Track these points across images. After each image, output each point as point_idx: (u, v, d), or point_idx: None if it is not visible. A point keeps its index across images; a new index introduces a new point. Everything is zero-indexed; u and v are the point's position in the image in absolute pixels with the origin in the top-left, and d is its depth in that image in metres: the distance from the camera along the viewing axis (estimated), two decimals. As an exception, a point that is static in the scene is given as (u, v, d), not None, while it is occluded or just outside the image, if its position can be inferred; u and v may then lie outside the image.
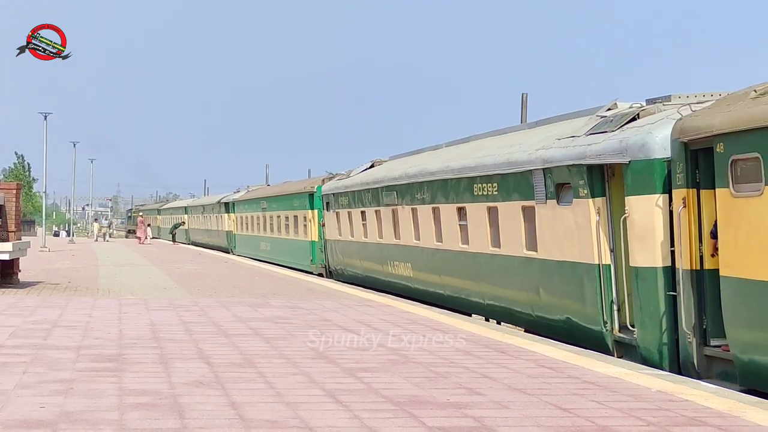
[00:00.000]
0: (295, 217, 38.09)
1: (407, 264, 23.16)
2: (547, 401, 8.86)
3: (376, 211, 25.75)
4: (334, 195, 30.47)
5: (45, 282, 24.09)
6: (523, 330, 16.44)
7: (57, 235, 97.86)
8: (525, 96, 28.48)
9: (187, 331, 13.98)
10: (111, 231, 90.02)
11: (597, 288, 14.10)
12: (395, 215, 24.05)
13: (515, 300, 16.92)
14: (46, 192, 66.94)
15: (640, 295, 13.17)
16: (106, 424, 7.58)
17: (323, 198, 32.32)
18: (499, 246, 17.60)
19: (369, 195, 26.34)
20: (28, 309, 16.99)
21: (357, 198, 27.70)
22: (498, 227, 17.65)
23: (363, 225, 27.11)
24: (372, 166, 28.57)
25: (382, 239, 25.27)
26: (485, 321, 18.00)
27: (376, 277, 25.91)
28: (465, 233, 19.28)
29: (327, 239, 31.92)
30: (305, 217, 36.33)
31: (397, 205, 23.75)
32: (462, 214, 19.40)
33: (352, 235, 28.42)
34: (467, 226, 19.13)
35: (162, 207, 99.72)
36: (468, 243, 19.12)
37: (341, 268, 30.07)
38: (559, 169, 15.07)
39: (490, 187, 17.93)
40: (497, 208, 17.62)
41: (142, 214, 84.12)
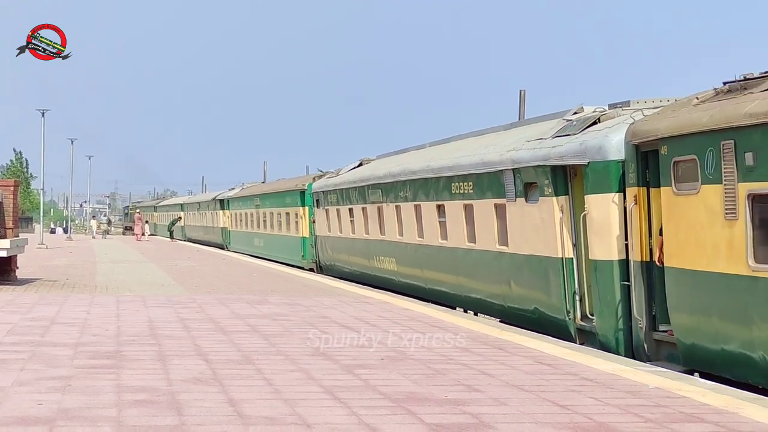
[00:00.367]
0: (287, 214, 38.97)
1: (392, 259, 24.17)
2: (545, 398, 8.87)
3: (362, 209, 26.71)
4: (323, 193, 31.43)
5: (43, 279, 24.09)
6: (498, 320, 17.24)
7: (53, 232, 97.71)
8: (523, 93, 28.43)
9: (185, 328, 13.98)
10: (109, 228, 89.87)
11: (561, 280, 15.09)
12: (380, 212, 25.05)
13: (489, 292, 17.92)
14: (43, 189, 66.84)
15: (598, 286, 14.18)
16: (104, 421, 7.58)
17: (314, 195, 33.23)
18: (475, 241, 18.65)
19: (356, 193, 27.35)
20: (25, 306, 16.98)
21: (345, 196, 28.67)
22: (473, 224, 18.69)
23: (351, 222, 28.04)
24: (360, 164, 29.54)
25: (368, 235, 26.19)
26: (464, 312, 18.75)
27: (363, 272, 26.82)
28: (444, 229, 20.33)
29: (317, 235, 32.80)
30: (296, 214, 37.18)
31: (382, 203, 24.75)
32: (441, 211, 20.44)
33: (340, 232, 29.38)
34: (446, 222, 20.18)
35: (159, 204, 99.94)
36: (447, 239, 20.17)
37: (331, 263, 30.92)
38: (527, 170, 16.14)
39: (466, 186, 19.04)
40: (473, 205, 18.69)
41: (139, 211, 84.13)
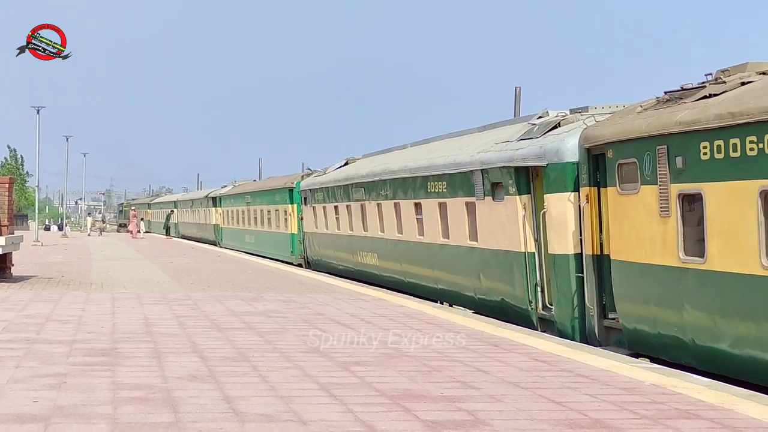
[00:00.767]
0: (277, 211, 40.12)
1: (374, 254, 25.42)
2: (541, 394, 8.87)
3: (347, 206, 27.99)
4: (311, 191, 32.77)
5: (38, 276, 24.06)
6: (472, 312, 18.13)
7: (48, 230, 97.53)
8: (518, 90, 28.41)
9: (181, 325, 13.97)
10: (104, 225, 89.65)
11: (524, 273, 16.35)
12: (363, 210, 26.28)
13: (462, 285, 19.22)
14: (38, 186, 66.81)
15: (556, 278, 15.38)
16: (99, 418, 7.57)
17: (302, 193, 34.47)
18: (448, 237, 19.97)
19: (341, 191, 28.64)
20: (21, 303, 16.96)
21: (331, 193, 29.93)
22: (447, 221, 19.99)
23: (336, 218, 29.37)
24: (346, 163, 30.75)
25: (352, 231, 27.47)
26: (439, 304, 19.63)
27: (348, 267, 28.10)
28: (421, 226, 21.61)
29: (305, 232, 34.18)
30: (285, 211, 38.32)
31: (365, 201, 26.01)
32: (418, 208, 21.72)
33: (326, 228, 30.67)
34: (422, 219, 21.46)
35: (153, 201, 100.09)
36: (423, 234, 21.47)
37: (318, 258, 32.24)
38: (494, 170, 17.37)
39: (440, 185, 20.30)
40: (446, 203, 19.98)
41: (134, 208, 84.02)
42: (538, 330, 15.45)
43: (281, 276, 26.26)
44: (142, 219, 75.75)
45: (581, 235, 14.59)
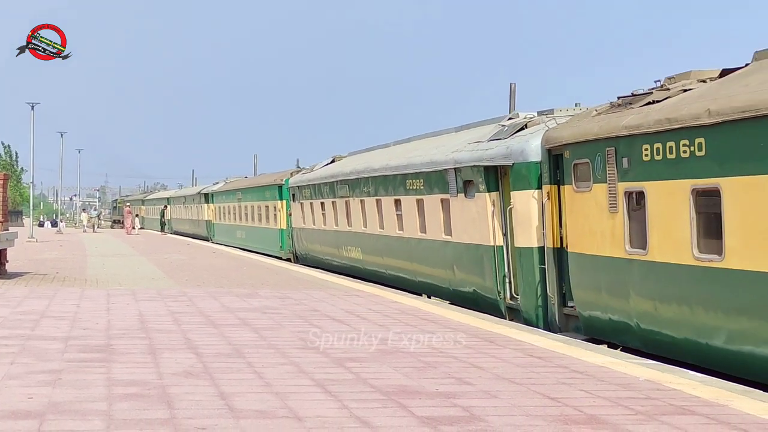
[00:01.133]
0: (266, 207, 41.14)
1: (357, 248, 26.59)
2: (536, 390, 8.88)
3: (332, 202, 29.14)
4: (299, 187, 33.91)
5: (33, 272, 24.03)
6: (448, 303, 19.00)
7: (41, 226, 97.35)
8: (513, 86, 28.33)
9: (176, 322, 13.96)
10: (99, 222, 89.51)
11: (493, 265, 17.45)
12: (347, 206, 27.41)
13: (438, 277, 20.35)
14: (33, 182, 66.60)
15: (522, 270, 16.43)
16: (94, 414, 7.57)
17: (290, 190, 35.73)
18: (425, 232, 21.09)
19: (327, 188, 29.77)
20: (15, 299, 16.94)
21: (318, 190, 31.06)
22: (424, 216, 21.12)
23: (322, 214, 30.50)
24: (332, 161, 31.87)
25: (337, 227, 28.62)
26: (416, 295, 20.34)
27: (333, 261, 29.21)
28: (400, 221, 22.79)
29: (293, 227, 35.42)
30: (275, 207, 39.36)
31: (349, 197, 27.15)
32: (398, 205, 22.88)
33: (314, 224, 31.83)
34: (402, 215, 22.63)
35: (146, 198, 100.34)
36: (403, 230, 22.62)
37: (306, 253, 33.43)
38: (466, 169, 18.45)
39: (418, 183, 21.43)
40: (423, 200, 21.09)
41: (129, 204, 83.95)
42: (506, 318, 16.46)
43: (276, 272, 26.25)
44: (137, 215, 75.64)
45: (544, 230, 15.53)
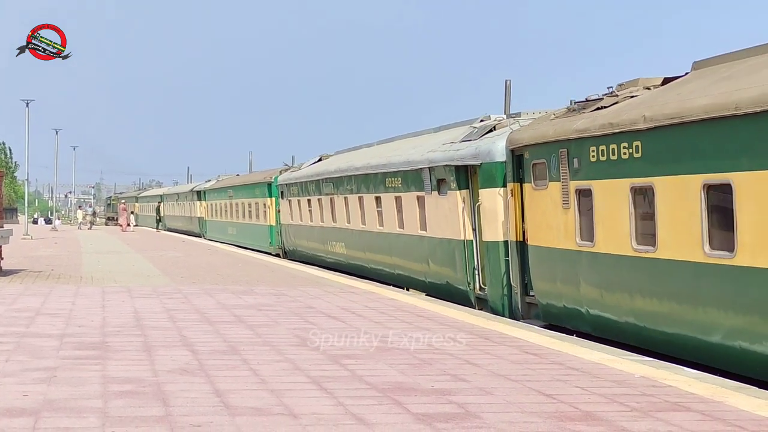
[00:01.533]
0: (256, 204, 42.36)
1: (341, 243, 27.84)
2: (531, 387, 8.88)
3: (318, 200, 30.35)
4: (287, 185, 35.26)
5: (28, 270, 24.00)
6: (424, 294, 20.05)
7: (35, 223, 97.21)
8: (508, 83, 28.28)
9: (171, 319, 13.95)
10: (95, 219, 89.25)
11: (463, 258, 18.56)
12: (332, 203, 28.66)
13: (415, 270, 21.47)
14: (28, 179, 66.59)
15: (489, 262, 17.59)
16: (89, 412, 7.56)
17: (279, 187, 36.98)
18: (403, 227, 22.28)
19: (313, 185, 31.07)
20: (10, 297, 16.92)
21: (304, 188, 32.37)
22: (402, 213, 22.36)
23: (309, 211, 31.74)
24: (320, 159, 33.06)
25: (323, 223, 29.87)
26: (395, 288, 21.17)
27: (319, 256, 30.40)
28: (381, 218, 23.99)
29: (282, 224, 36.71)
30: (264, 204, 40.53)
31: (334, 195, 28.42)
32: (378, 202, 24.10)
33: (301, 220, 33.09)
34: (382, 211, 23.84)
35: (140, 195, 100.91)
36: (383, 225, 23.84)
37: (293, 248, 34.68)
38: (439, 168, 19.64)
39: (396, 181, 22.68)
40: (401, 197, 22.34)
41: (124, 201, 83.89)
42: (475, 308, 17.45)
43: (272, 269, 26.25)
44: (132, 212, 75.56)
45: (508, 225, 16.72)
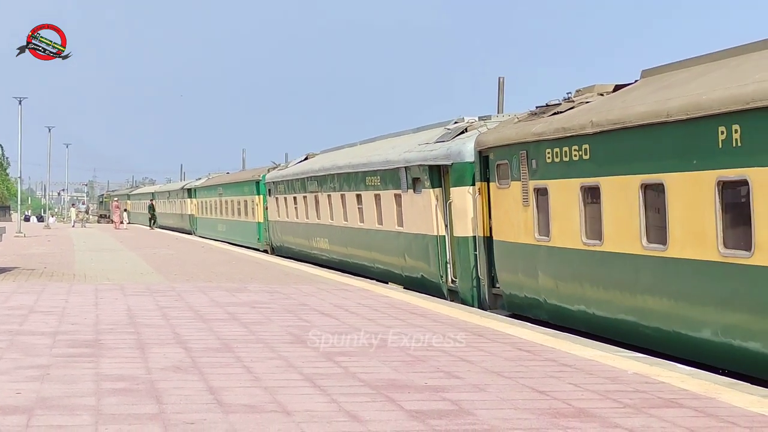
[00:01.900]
0: (245, 202, 43.66)
1: (325, 239, 29.14)
2: (525, 384, 8.89)
3: (304, 197, 31.61)
4: (274, 183, 36.67)
5: (21, 267, 23.96)
6: (402, 287, 20.96)
7: (27, 220, 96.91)
8: (502, 80, 28.28)
9: (164, 317, 13.94)
10: (88, 217, 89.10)
11: (436, 252, 19.79)
12: (317, 200, 29.90)
13: (392, 264, 22.80)
14: (21, 177, 66.41)
15: (459, 256, 18.79)
16: (82, 409, 7.55)
17: (267, 185, 38.30)
18: (382, 223, 23.53)
19: (299, 183, 32.32)
20: (3, 295, 16.88)
21: (291, 186, 33.68)
22: (381, 209, 23.61)
23: (295, 208, 33.05)
24: (306, 158, 34.34)
25: (308, 219, 31.13)
26: (375, 281, 22.01)
27: (304, 251, 31.66)
28: (361, 214, 25.21)
29: (269, 221, 38.00)
30: (253, 202, 41.85)
31: (318, 192, 29.64)
32: (359, 199, 25.36)
33: (287, 217, 34.37)
34: (362, 208, 25.08)
35: (132, 192, 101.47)
36: (363, 222, 25.09)
37: (280, 244, 35.98)
38: (414, 168, 20.91)
39: (376, 180, 23.93)
40: (380, 195, 23.62)
41: (117, 198, 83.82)
42: (447, 299, 18.47)
43: (265, 267, 26.23)
44: (125, 210, 75.46)
45: (477, 221, 17.84)
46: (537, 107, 16.45)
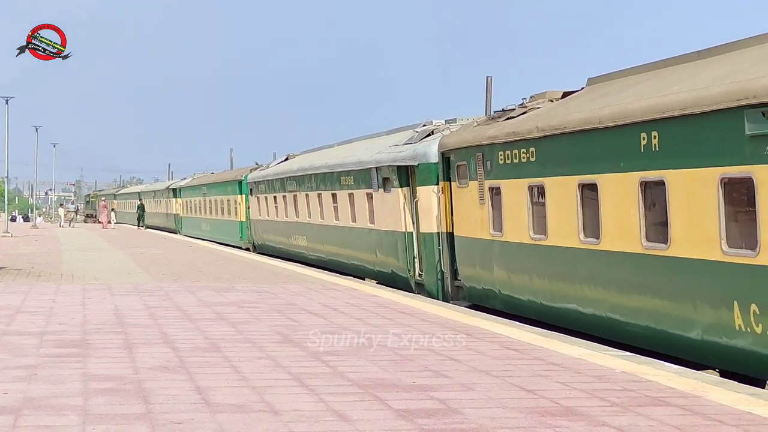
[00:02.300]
0: (228, 201, 44.76)
1: (303, 237, 30.32)
2: (512, 383, 8.90)
3: (283, 196, 32.70)
4: (255, 183, 37.86)
5: (7, 267, 23.89)
6: (376, 282, 22.22)
7: (13, 220, 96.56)
8: (489, 79, 28.26)
9: (152, 316, 13.91)
10: (76, 217, 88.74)
11: (405, 248, 20.89)
12: (295, 199, 30.98)
13: (366, 260, 23.92)
14: (8, 177, 66.22)
15: (425, 251, 19.94)
16: (70, 409, 7.54)
17: (249, 185, 39.34)
18: (355, 221, 24.60)
19: (279, 183, 33.46)
20: (-10, 295, 16.82)
21: (271, 185, 34.83)
22: (354, 208, 24.70)
23: (275, 207, 34.10)
24: (287, 158, 35.37)
25: (287, 218, 32.24)
26: (349, 277, 23.06)
27: (284, 248, 32.80)
28: (336, 212, 26.43)
29: (252, 219, 39.04)
30: (235, 201, 42.92)
31: (297, 192, 30.75)
32: (335, 198, 26.57)
33: (268, 215, 35.39)
34: (338, 207, 26.26)
35: (118, 192, 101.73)
36: (338, 219, 26.25)
37: (262, 242, 37.00)
38: (384, 168, 22.10)
39: (349, 179, 25.05)
40: (353, 194, 24.76)
41: (104, 198, 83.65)
42: (415, 293, 19.58)
43: (253, 266, 26.21)
44: (113, 210, 75.29)
45: (441, 218, 18.91)
46: (495, 112, 17.61)
